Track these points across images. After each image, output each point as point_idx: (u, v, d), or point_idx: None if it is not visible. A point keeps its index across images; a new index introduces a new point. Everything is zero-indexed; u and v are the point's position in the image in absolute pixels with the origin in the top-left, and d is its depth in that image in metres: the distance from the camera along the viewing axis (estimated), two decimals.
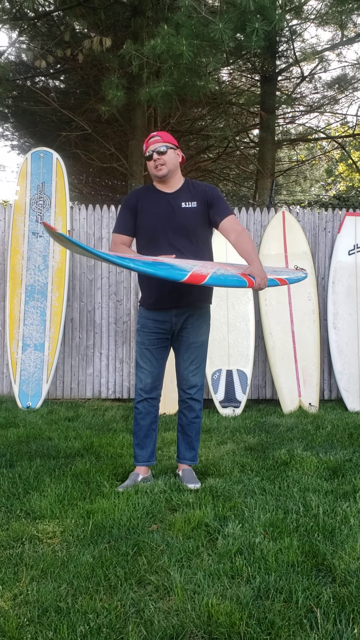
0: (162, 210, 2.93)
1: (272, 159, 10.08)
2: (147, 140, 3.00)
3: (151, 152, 2.93)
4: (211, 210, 2.95)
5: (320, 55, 9.57)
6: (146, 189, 3.04)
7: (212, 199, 2.94)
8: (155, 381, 3.02)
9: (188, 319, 2.97)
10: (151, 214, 2.94)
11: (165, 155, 2.91)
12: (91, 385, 5.59)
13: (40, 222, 5.31)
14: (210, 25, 5.62)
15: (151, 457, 3.07)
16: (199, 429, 3.13)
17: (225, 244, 5.21)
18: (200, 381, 3.06)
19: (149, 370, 3.00)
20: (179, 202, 2.93)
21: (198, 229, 2.94)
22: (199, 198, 2.95)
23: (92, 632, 1.69)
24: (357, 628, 1.71)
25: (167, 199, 2.95)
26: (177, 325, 2.97)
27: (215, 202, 2.94)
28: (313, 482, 3.00)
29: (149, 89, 6.33)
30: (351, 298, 5.36)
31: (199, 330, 3.00)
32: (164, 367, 3.06)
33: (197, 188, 3.00)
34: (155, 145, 2.93)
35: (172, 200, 2.95)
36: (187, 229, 2.91)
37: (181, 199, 2.94)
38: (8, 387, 5.52)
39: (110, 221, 5.65)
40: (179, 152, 3.02)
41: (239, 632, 1.69)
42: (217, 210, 2.93)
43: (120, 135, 10.63)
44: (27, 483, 2.93)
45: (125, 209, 3.01)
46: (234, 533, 2.33)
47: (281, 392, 5.15)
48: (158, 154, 2.91)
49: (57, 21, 9.15)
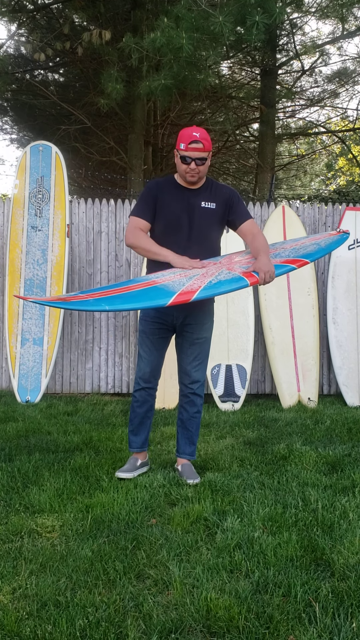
0: (182, 205, 2.92)
1: (272, 153, 10.06)
2: (187, 139, 2.83)
3: (190, 160, 2.84)
4: (231, 213, 2.98)
5: (320, 49, 9.53)
6: (168, 181, 3.01)
7: (233, 203, 2.98)
8: (154, 371, 3.05)
9: (190, 314, 2.98)
10: (171, 207, 2.93)
11: (202, 166, 2.86)
12: (90, 379, 5.59)
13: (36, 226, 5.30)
14: (210, 18, 5.59)
15: (144, 444, 3.13)
16: (199, 424, 3.14)
17: (224, 248, 5.20)
18: (202, 376, 3.08)
19: (148, 359, 3.03)
20: (198, 201, 2.93)
21: (212, 230, 2.99)
22: (219, 200, 2.96)
23: (91, 626, 1.69)
24: (355, 622, 1.72)
25: (187, 195, 2.94)
26: (179, 319, 2.98)
27: (236, 206, 2.98)
28: (312, 476, 3.00)
29: (149, 83, 6.30)
30: (351, 293, 5.36)
31: (202, 327, 3.02)
32: (163, 358, 3.09)
33: (219, 190, 3.00)
34: (197, 154, 2.82)
35: (193, 197, 2.94)
36: (202, 228, 2.93)
37: (201, 198, 2.94)
38: (7, 382, 5.52)
39: (109, 215, 5.63)
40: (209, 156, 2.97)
41: (238, 626, 1.70)
42: (237, 214, 2.98)
43: (119, 128, 10.59)
44: (26, 477, 2.93)
45: (147, 195, 2.96)
46: (233, 527, 2.34)
47: (280, 386, 5.15)
48: (197, 164, 2.84)
49: (56, 14, 9.11)
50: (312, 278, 5.33)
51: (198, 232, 2.93)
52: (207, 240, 2.97)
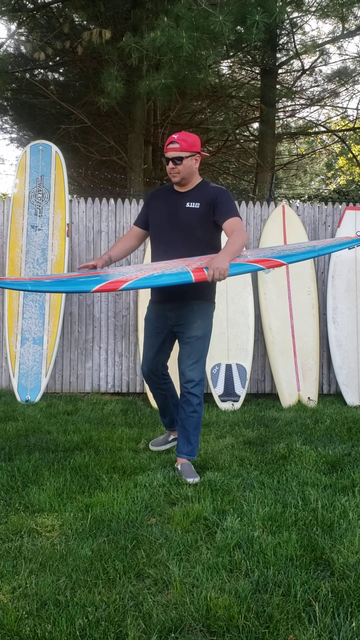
0: (169, 208, 3.08)
1: (272, 152, 10.05)
2: (167, 142, 3.03)
3: (168, 160, 3.01)
4: (216, 212, 3.01)
5: (320, 48, 9.52)
6: (166, 188, 3.21)
7: (217, 202, 3.01)
8: (152, 367, 3.26)
9: (182, 314, 3.08)
10: (158, 211, 3.12)
11: (180, 165, 2.99)
12: (90, 379, 5.59)
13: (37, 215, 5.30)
14: (211, 18, 5.58)
15: (171, 424, 3.46)
16: (197, 424, 3.12)
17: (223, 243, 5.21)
18: (197, 376, 3.09)
19: (145, 355, 3.29)
20: (184, 202, 3.05)
21: (197, 228, 3.03)
22: (204, 200, 3.03)
23: (91, 625, 1.69)
24: (355, 622, 1.72)
25: (176, 198, 3.09)
26: (173, 320, 3.11)
27: (220, 204, 3.00)
28: (312, 476, 3.00)
29: (149, 82, 6.30)
30: (351, 292, 5.36)
31: (191, 326, 3.07)
32: (160, 358, 3.26)
33: (206, 190, 3.07)
34: (173, 154, 2.99)
35: (180, 199, 3.07)
36: (186, 227, 3.02)
37: (187, 199, 3.05)
38: (7, 381, 5.52)
39: (109, 214, 5.63)
40: (197, 157, 3.06)
41: (238, 625, 1.70)
42: (221, 212, 3.00)
43: (119, 128, 10.59)
44: (26, 476, 2.93)
45: (144, 204, 3.28)
46: (233, 527, 2.34)
47: (280, 386, 5.15)
48: (175, 163, 2.99)
49: (56, 13, 9.09)
50: (312, 277, 5.33)
51: (182, 232, 3.03)
52: (192, 239, 3.03)
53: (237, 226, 2.94)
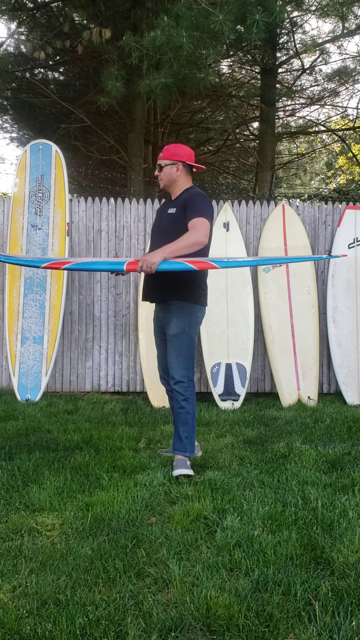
0: (159, 216, 3.35)
1: (272, 151, 10.05)
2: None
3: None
4: (185, 214, 3.11)
5: (320, 48, 9.52)
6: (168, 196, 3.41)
7: (187, 206, 3.11)
8: (163, 366, 3.36)
9: (165, 315, 3.22)
10: (155, 220, 3.41)
11: (162, 172, 3.24)
12: (90, 378, 5.59)
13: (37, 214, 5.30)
14: (211, 17, 5.58)
15: None
16: (185, 420, 3.12)
17: (224, 246, 5.21)
18: (178, 374, 3.13)
19: (158, 355, 3.41)
20: (167, 209, 3.25)
21: (174, 231, 3.09)
22: (180, 205, 3.17)
23: (91, 624, 1.69)
24: (355, 621, 1.72)
25: (165, 206, 3.32)
26: (161, 320, 3.27)
27: (187, 206, 3.11)
28: (312, 475, 3.00)
29: (149, 81, 6.30)
30: (350, 292, 5.36)
31: (169, 324, 3.19)
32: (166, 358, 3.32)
33: (183, 196, 3.20)
34: (158, 162, 3.26)
35: (167, 207, 3.27)
36: (166, 231, 3.16)
37: (170, 206, 3.24)
38: (7, 380, 5.52)
39: (109, 214, 5.63)
40: (178, 167, 3.20)
41: (238, 624, 1.70)
42: (187, 212, 3.08)
43: (119, 127, 10.58)
44: (26, 475, 2.93)
45: None
46: (233, 526, 2.34)
47: (280, 385, 5.15)
48: (158, 170, 3.26)
49: (56, 12, 9.09)
50: (312, 277, 5.33)
51: (163, 235, 3.15)
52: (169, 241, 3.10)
53: (195, 225, 3.00)
